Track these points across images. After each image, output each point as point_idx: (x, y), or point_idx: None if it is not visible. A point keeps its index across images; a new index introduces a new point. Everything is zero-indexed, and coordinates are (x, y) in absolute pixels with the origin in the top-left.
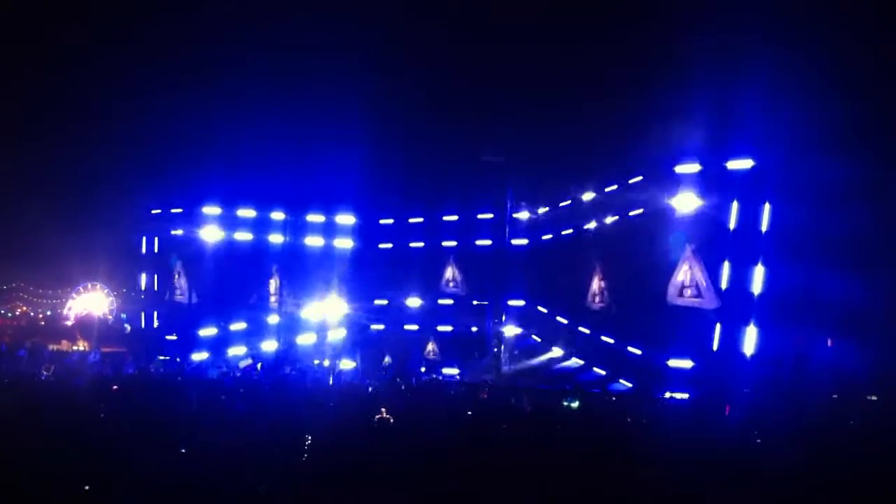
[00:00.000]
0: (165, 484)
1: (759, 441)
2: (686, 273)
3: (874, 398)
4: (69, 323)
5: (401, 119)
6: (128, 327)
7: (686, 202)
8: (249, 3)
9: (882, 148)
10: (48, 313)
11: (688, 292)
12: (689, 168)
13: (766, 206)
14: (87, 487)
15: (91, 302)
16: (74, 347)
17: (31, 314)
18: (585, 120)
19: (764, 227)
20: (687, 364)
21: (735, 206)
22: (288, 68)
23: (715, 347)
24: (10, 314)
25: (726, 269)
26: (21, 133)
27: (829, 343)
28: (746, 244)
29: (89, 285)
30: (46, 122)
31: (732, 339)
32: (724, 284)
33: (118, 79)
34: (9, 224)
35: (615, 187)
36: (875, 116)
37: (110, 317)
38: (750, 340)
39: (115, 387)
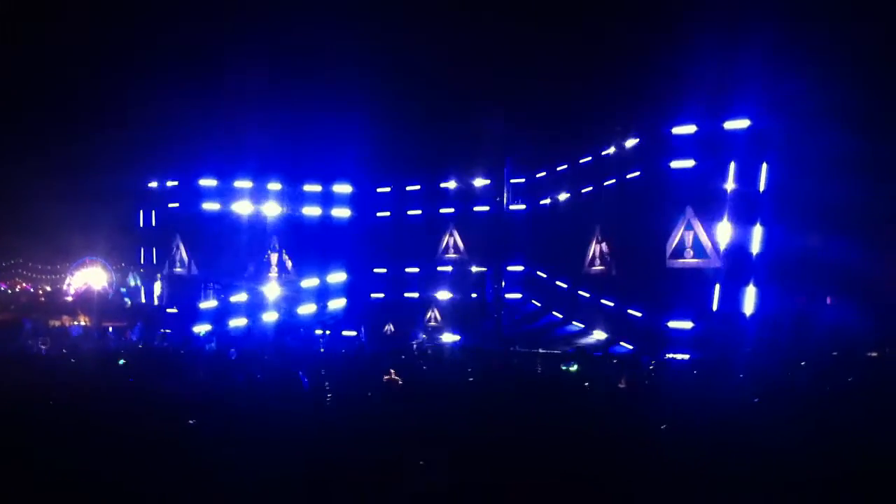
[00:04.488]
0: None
1: (756, 400)
2: (686, 234)
3: (874, 355)
4: (69, 299)
5: (397, 87)
6: (128, 301)
7: (683, 163)
8: None
9: (881, 118)
10: (48, 289)
11: (689, 253)
12: (686, 129)
13: (764, 167)
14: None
15: (90, 277)
16: (75, 323)
17: (31, 291)
18: (582, 83)
19: (762, 187)
20: (687, 325)
21: (732, 166)
22: (284, 42)
23: (715, 308)
24: (9, 291)
25: (725, 229)
26: (19, 111)
27: (829, 301)
28: (744, 205)
29: (88, 261)
30: (43, 100)
31: (732, 299)
32: (722, 245)
33: (116, 57)
34: (8, 201)
35: (612, 150)
36: (875, 84)
37: (110, 291)
38: (749, 300)
39: (121, 361)
